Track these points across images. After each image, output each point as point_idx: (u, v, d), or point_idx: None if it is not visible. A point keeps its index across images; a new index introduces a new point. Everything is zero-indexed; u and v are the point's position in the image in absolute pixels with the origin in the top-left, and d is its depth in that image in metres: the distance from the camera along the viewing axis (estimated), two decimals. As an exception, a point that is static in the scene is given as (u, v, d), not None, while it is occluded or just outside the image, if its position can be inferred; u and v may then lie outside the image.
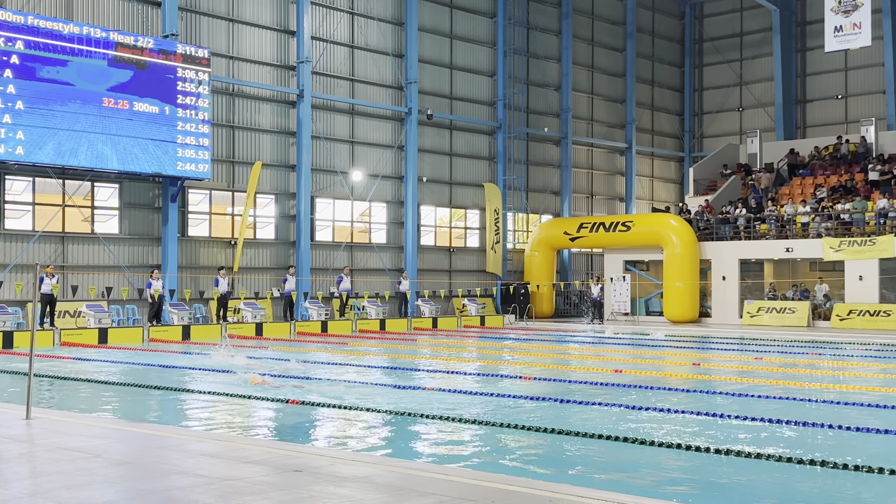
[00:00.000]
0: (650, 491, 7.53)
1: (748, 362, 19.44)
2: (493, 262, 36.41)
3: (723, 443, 9.45)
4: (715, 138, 45.04)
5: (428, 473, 7.28)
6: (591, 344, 24.72)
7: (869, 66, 39.83)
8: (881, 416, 11.57)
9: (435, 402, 12.71)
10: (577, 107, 41.08)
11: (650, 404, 12.27)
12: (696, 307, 32.28)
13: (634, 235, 33.38)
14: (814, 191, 33.74)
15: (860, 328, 28.24)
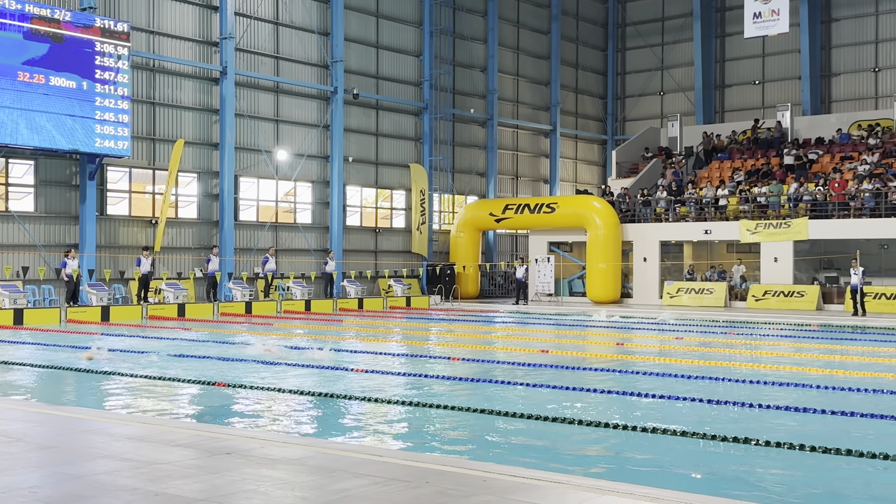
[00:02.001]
0: (576, 469, 7.68)
1: (668, 342, 19.90)
2: (419, 243, 36.46)
3: (642, 420, 9.67)
4: (637, 121, 45.74)
5: (360, 455, 7.30)
6: (516, 324, 24.98)
7: (786, 53, 40.87)
8: (793, 393, 11.98)
9: (364, 384, 12.72)
10: (503, 88, 41.27)
11: (575, 384, 12.48)
12: (618, 288, 32.86)
13: (558, 217, 33.77)
14: (732, 174, 34.57)
15: (774, 308, 29.13)
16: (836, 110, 39.15)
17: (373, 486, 6.20)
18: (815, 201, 30.30)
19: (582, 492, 6.09)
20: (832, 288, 30.14)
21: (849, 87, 39.42)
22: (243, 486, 6.22)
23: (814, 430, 9.49)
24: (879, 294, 27.71)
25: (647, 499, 5.94)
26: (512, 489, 6.11)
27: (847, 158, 33.00)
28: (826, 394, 11.86)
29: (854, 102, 39.05)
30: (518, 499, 5.87)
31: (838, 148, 34.42)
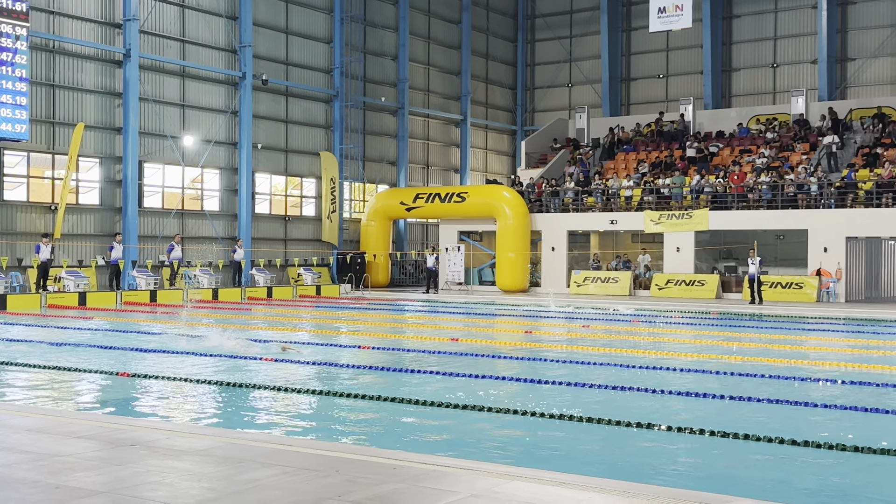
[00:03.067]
0: (487, 455, 7.78)
1: (576, 329, 20.26)
2: (329, 232, 36.21)
3: (551, 407, 9.85)
4: (546, 113, 46.27)
5: (270, 444, 7.24)
6: (427, 313, 25.07)
7: (689, 48, 41.88)
8: (694, 379, 12.35)
9: (272, 373, 12.61)
10: (414, 77, 41.24)
11: (485, 372, 12.61)
12: (526, 277, 33.27)
13: (469, 206, 33.98)
14: (637, 166, 35.33)
15: (677, 297, 29.93)
16: (736, 104, 40.34)
17: (282, 475, 6.16)
18: (715, 193, 31.20)
19: (491, 478, 6.17)
20: (731, 277, 31.12)
21: (748, 82, 40.67)
22: (148, 477, 6.11)
23: (713, 415, 9.81)
24: (775, 283, 28.73)
25: (554, 483, 6.06)
26: (423, 476, 6.16)
27: (746, 151, 34.07)
28: (724, 379, 12.26)
29: (753, 97, 40.31)
30: (429, 486, 5.92)
31: (738, 141, 35.51)
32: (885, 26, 37.16)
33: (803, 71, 39.15)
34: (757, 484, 7.20)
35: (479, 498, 5.64)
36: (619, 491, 5.90)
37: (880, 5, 37.27)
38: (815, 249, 28.44)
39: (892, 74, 37.23)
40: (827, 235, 28.20)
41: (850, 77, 37.93)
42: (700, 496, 5.86)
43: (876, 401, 10.54)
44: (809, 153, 32.59)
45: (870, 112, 34.03)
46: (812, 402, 10.36)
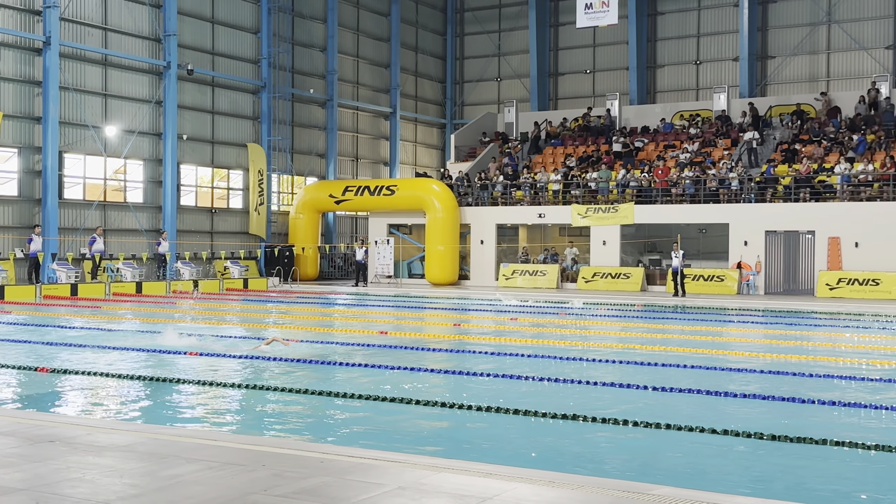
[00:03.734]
0: (415, 448, 7.81)
1: (504, 322, 20.43)
2: (256, 224, 35.81)
3: (479, 399, 9.93)
4: (475, 106, 46.45)
5: (194, 440, 7.15)
6: (356, 306, 25.00)
7: (615, 44, 42.44)
8: (619, 370, 12.58)
9: (197, 368, 12.44)
10: (343, 69, 40.99)
11: (413, 364, 12.64)
12: (455, 270, 33.40)
13: (398, 199, 33.95)
14: (564, 160, 35.72)
15: (603, 289, 30.38)
16: (660, 100, 41.06)
17: (206, 470, 6.10)
18: (640, 187, 31.74)
19: (419, 470, 6.20)
20: (655, 270, 31.71)
21: (672, 78, 41.42)
22: (68, 474, 5.99)
23: (637, 406, 10.00)
24: (698, 276, 29.36)
25: (480, 474, 6.11)
26: (350, 469, 6.16)
27: (670, 147, 34.72)
28: (647, 370, 12.51)
29: (677, 93, 41.07)
30: (356, 479, 5.92)
31: (662, 136, 36.17)
32: (803, 25, 38.20)
33: (725, 68, 40.03)
34: (678, 472, 7.37)
35: (406, 490, 5.67)
36: (544, 481, 5.98)
37: (799, 5, 38.30)
38: (735, 243, 29.14)
39: (810, 72, 38.31)
40: (747, 229, 28.92)
41: (770, 74, 38.91)
42: (622, 484, 5.98)
43: (793, 390, 10.86)
44: (731, 149, 33.36)
45: (789, 109, 34.98)
46: (731, 391, 10.63)
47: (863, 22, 37.11)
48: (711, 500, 5.67)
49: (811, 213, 28.17)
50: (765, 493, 6.55)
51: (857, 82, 36.79)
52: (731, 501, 5.69)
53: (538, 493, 5.68)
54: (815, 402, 10.03)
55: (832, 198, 28.48)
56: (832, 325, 20.06)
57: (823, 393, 10.63)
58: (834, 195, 28.49)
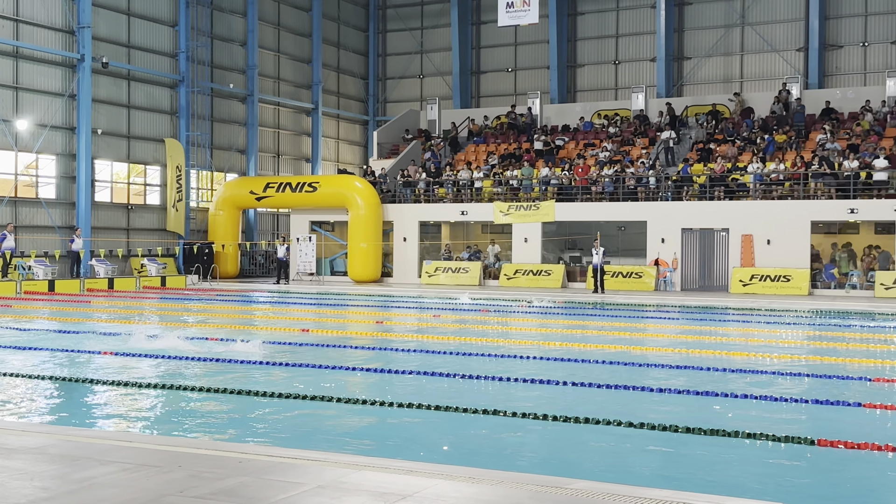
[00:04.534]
0: (336, 446, 7.77)
1: (427, 320, 20.47)
2: (174, 221, 35.15)
3: (401, 396, 9.93)
4: (398, 103, 46.39)
5: (108, 441, 7.00)
6: (276, 304, 24.75)
7: (536, 43, 42.84)
8: (539, 366, 12.72)
9: (112, 367, 12.16)
10: (264, 64, 40.51)
11: (335, 363, 12.58)
12: (378, 267, 33.31)
13: (320, 196, 33.71)
14: (486, 158, 35.94)
15: (524, 286, 30.67)
16: (580, 99, 41.61)
17: (121, 472, 5.97)
18: (561, 185, 32.13)
19: (339, 468, 6.18)
20: (575, 267, 32.15)
21: (592, 77, 42.01)
22: (-24, 480, 5.80)
23: (557, 401, 10.14)
24: (616, 273, 29.86)
25: (401, 471, 6.12)
26: (269, 469, 6.10)
27: (590, 145, 35.22)
28: (567, 365, 12.68)
29: (597, 92, 41.68)
30: (275, 478, 5.87)
31: (582, 135, 36.68)
32: (718, 27, 39.13)
33: (643, 68, 40.77)
34: (596, 465, 7.50)
35: (325, 489, 5.64)
36: (464, 477, 6.02)
37: (714, 7, 39.23)
38: (653, 240, 29.72)
39: (725, 73, 39.28)
40: (664, 227, 29.52)
41: (686, 75, 39.77)
42: (541, 479, 6.05)
43: (708, 385, 11.13)
44: (648, 147, 34.01)
45: (704, 109, 35.82)
46: (648, 386, 10.85)
47: (775, 24, 38.21)
48: (628, 492, 5.78)
49: (725, 212, 28.90)
50: (680, 484, 6.70)
51: (769, 83, 37.86)
52: (646, 494, 5.80)
53: (458, 490, 5.71)
54: (728, 395, 10.30)
55: (745, 196, 29.26)
56: (746, 321, 20.63)
57: (737, 387, 10.93)
58: (747, 194, 29.28)
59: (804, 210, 27.75)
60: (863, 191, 27.58)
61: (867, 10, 36.65)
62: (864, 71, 36.86)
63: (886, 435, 8.45)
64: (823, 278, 28.04)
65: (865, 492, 6.91)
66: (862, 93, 33.92)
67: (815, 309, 22.65)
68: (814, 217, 27.80)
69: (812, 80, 36.48)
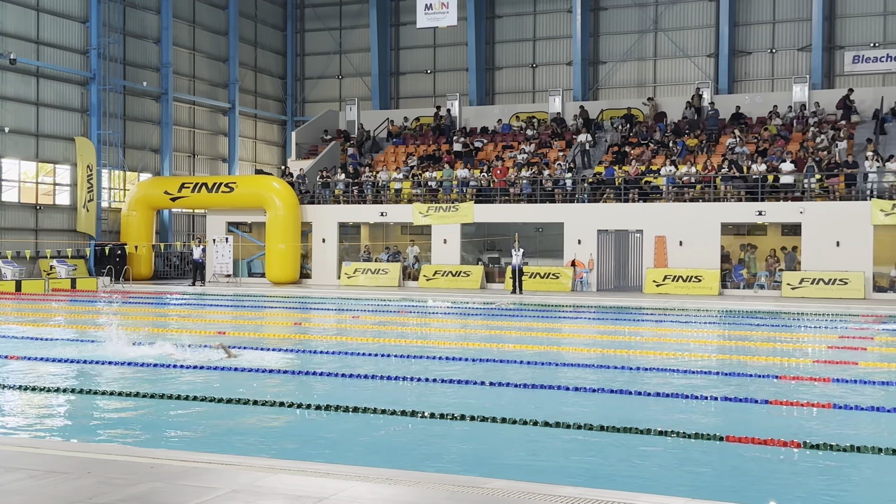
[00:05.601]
0: (251, 450, 7.69)
1: (345, 321, 20.37)
2: (85, 222, 34.23)
3: (319, 399, 9.87)
4: (317, 104, 46.05)
5: (14, 448, 6.79)
6: (192, 306, 24.33)
7: (455, 45, 43.01)
8: (458, 367, 12.78)
9: (19, 372, 11.79)
10: (179, 62, 39.76)
11: (253, 365, 12.42)
12: (297, 268, 33.02)
13: (237, 197, 33.25)
14: (406, 159, 35.95)
15: (444, 287, 30.77)
16: (499, 102, 41.94)
17: (28, 479, 5.80)
18: (480, 187, 32.34)
19: (254, 472, 6.11)
20: (494, 268, 32.39)
21: (510, 80, 42.39)
22: None
23: (476, 401, 10.20)
24: (534, 273, 30.19)
25: (318, 474, 6.09)
26: (182, 474, 6.00)
27: (508, 147, 35.54)
28: (486, 366, 12.77)
29: (515, 95, 42.07)
30: (188, 483, 5.78)
31: (500, 137, 36.98)
32: (632, 32, 39.89)
33: (560, 72, 41.31)
34: (513, 464, 7.58)
35: (240, 493, 5.58)
36: (381, 478, 6.02)
37: (628, 12, 39.98)
38: (570, 241, 30.13)
39: (639, 78, 40.07)
40: (581, 228, 29.96)
41: (601, 79, 40.43)
42: (458, 479, 6.09)
43: (622, 383, 11.35)
44: (565, 150, 34.48)
45: (619, 113, 36.47)
46: (564, 385, 11.01)
47: (686, 31, 39.13)
48: (543, 490, 5.86)
49: (639, 213, 29.48)
50: (594, 482, 6.82)
51: (681, 88, 38.75)
52: (561, 492, 5.89)
53: (375, 491, 5.71)
54: (641, 393, 10.52)
55: (658, 199, 29.90)
56: (659, 321, 21.08)
57: (650, 385, 11.17)
58: (660, 196, 29.92)
59: (714, 212, 28.49)
60: (770, 194, 28.45)
61: (775, 18, 37.84)
62: (771, 77, 38.04)
63: (792, 431, 8.74)
64: (733, 278, 28.83)
65: (772, 486, 7.14)
66: (770, 98, 35.01)
67: (724, 309, 23.28)
68: (724, 219, 28.56)
69: (722, 86, 37.49)
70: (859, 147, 30.09)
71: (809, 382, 11.52)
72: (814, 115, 32.80)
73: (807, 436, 8.29)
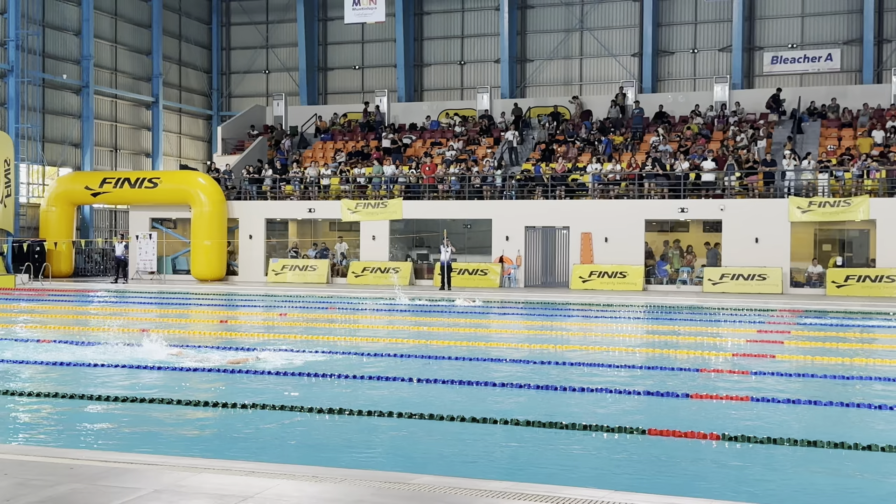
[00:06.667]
0: (174, 449, 7.58)
1: (273, 318, 20.19)
2: (2, 218, 33.19)
3: (244, 397, 9.77)
4: (243, 98, 45.47)
5: (-74, 452, 6.58)
6: (114, 304, 23.83)
7: (383, 41, 42.92)
8: (388, 363, 12.79)
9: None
10: (100, 55, 38.86)
11: (176, 364, 12.24)
12: (223, 265, 32.59)
13: (161, 192, 32.66)
14: (334, 155, 35.75)
15: (372, 284, 30.69)
16: (428, 98, 41.98)
17: (-59, 485, 5.63)
18: (408, 183, 32.34)
19: (177, 472, 6.04)
20: (423, 264, 32.44)
21: (438, 77, 42.47)
22: None
23: (406, 397, 10.22)
24: (463, 270, 30.32)
25: (243, 473, 6.04)
26: (103, 475, 5.89)
27: (436, 144, 35.61)
28: (415, 362, 12.80)
29: (443, 92, 42.15)
30: (109, 484, 5.68)
31: (429, 134, 37.03)
32: (558, 31, 40.31)
33: (488, 69, 41.53)
34: (443, 460, 7.62)
35: (163, 493, 5.51)
36: (307, 476, 6.00)
37: (554, 11, 40.38)
38: (498, 238, 30.34)
39: (565, 76, 40.51)
40: (509, 225, 30.19)
41: (529, 77, 40.78)
42: (384, 476, 6.11)
43: (548, 378, 11.49)
44: (493, 147, 34.70)
45: (546, 110, 36.83)
46: (491, 381, 11.09)
47: (611, 30, 39.71)
48: (469, 485, 5.92)
49: (566, 210, 29.82)
50: (520, 476, 6.91)
51: (607, 87, 39.30)
52: (487, 486, 5.95)
53: (300, 489, 5.69)
54: (567, 388, 10.67)
55: (585, 196, 30.30)
56: (585, 316, 21.38)
57: (576, 380, 11.33)
58: (586, 193, 30.33)
59: (639, 209, 28.99)
60: (692, 191, 29.07)
61: (697, 19, 38.65)
62: (693, 76, 38.85)
63: (712, 424, 8.96)
64: (657, 274, 29.38)
65: (693, 478, 7.32)
66: (692, 97, 35.75)
67: (648, 304, 23.71)
68: (648, 216, 29.08)
69: (646, 85, 38.13)
70: (778, 146, 30.94)
71: (729, 375, 11.83)
72: (734, 115, 33.60)
73: (726, 428, 8.51)
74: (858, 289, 26.38)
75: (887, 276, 26.28)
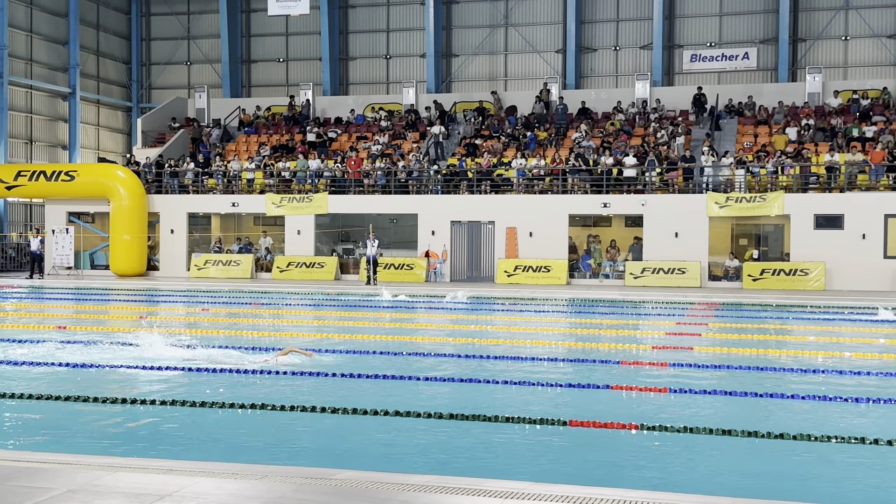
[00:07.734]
0: (89, 448, 7.42)
1: (196, 314, 19.88)
2: None
3: (165, 394, 9.62)
4: (164, 90, 44.60)
5: None
6: (29, 300, 23.18)
7: (308, 34, 42.55)
8: (313, 358, 12.71)
9: None
10: (15, 45, 37.68)
11: (92, 361, 11.97)
12: (143, 260, 31.95)
13: (79, 186, 31.84)
14: (258, 149, 35.33)
15: (298, 279, 30.44)
16: (353, 92, 41.77)
17: None
18: (334, 177, 32.15)
19: (92, 471, 5.91)
20: (349, 259, 32.30)
21: (364, 71, 42.29)
22: None
23: (329, 393, 10.18)
24: (389, 264, 30.28)
25: (160, 471, 5.95)
26: (14, 475, 5.74)
27: (362, 138, 35.47)
28: (340, 357, 12.74)
29: (369, 86, 41.99)
30: (21, 484, 5.53)
31: (355, 128, 36.85)
32: (483, 26, 40.50)
33: (413, 64, 41.50)
34: (367, 455, 7.61)
35: (77, 493, 5.39)
36: (227, 473, 5.94)
37: (479, 6, 40.56)
38: (424, 232, 30.38)
39: (490, 72, 40.72)
40: (434, 219, 30.24)
41: (454, 72, 40.88)
42: (306, 471, 6.08)
43: (472, 372, 11.56)
44: (419, 142, 34.70)
45: (472, 105, 36.98)
46: (417, 375, 11.12)
47: (536, 27, 40.05)
48: (391, 479, 5.93)
49: (491, 205, 30.01)
50: (444, 469, 6.94)
51: (531, 83, 39.65)
52: (409, 480, 5.97)
53: (220, 487, 5.63)
54: (489, 381, 10.76)
55: (510, 191, 30.53)
56: (509, 310, 21.56)
57: (498, 373, 11.42)
58: (511, 188, 30.56)
59: (562, 204, 29.32)
60: (614, 186, 29.52)
61: (618, 17, 39.22)
62: (616, 73, 39.44)
63: (631, 414, 9.13)
64: (580, 268, 29.77)
65: (612, 467, 7.45)
66: (614, 94, 36.28)
67: (572, 297, 24.03)
68: (571, 210, 29.43)
69: (570, 81, 38.57)
70: (697, 142, 31.61)
71: (648, 367, 12.06)
72: (655, 112, 34.21)
73: (644, 418, 8.68)
74: (773, 282, 27.14)
75: (800, 269, 27.09)
